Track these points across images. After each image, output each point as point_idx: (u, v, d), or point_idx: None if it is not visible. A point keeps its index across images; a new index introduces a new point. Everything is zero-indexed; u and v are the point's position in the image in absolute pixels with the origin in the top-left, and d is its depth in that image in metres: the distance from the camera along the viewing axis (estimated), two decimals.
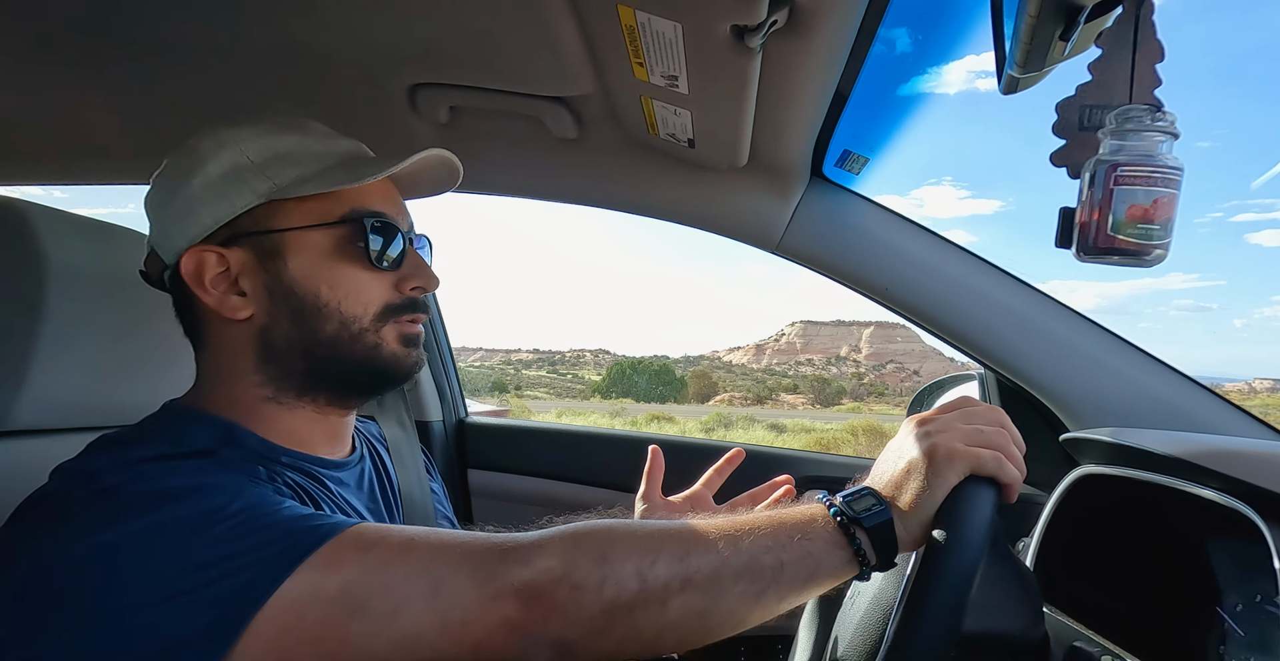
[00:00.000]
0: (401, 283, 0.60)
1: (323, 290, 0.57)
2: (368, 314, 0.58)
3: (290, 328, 0.57)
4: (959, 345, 0.87)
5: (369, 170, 0.57)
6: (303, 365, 0.58)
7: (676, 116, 0.77)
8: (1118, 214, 0.42)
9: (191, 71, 0.82)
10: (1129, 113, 0.44)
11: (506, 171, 0.96)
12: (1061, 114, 0.44)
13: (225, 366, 0.59)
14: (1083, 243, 0.44)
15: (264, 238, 0.57)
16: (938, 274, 0.87)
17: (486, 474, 1.23)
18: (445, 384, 1.28)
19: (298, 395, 0.59)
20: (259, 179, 0.57)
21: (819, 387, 41.88)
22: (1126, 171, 0.42)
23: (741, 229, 0.95)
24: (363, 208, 0.58)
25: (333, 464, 0.62)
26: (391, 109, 0.85)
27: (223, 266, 0.57)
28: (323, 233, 0.57)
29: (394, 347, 0.59)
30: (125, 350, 0.66)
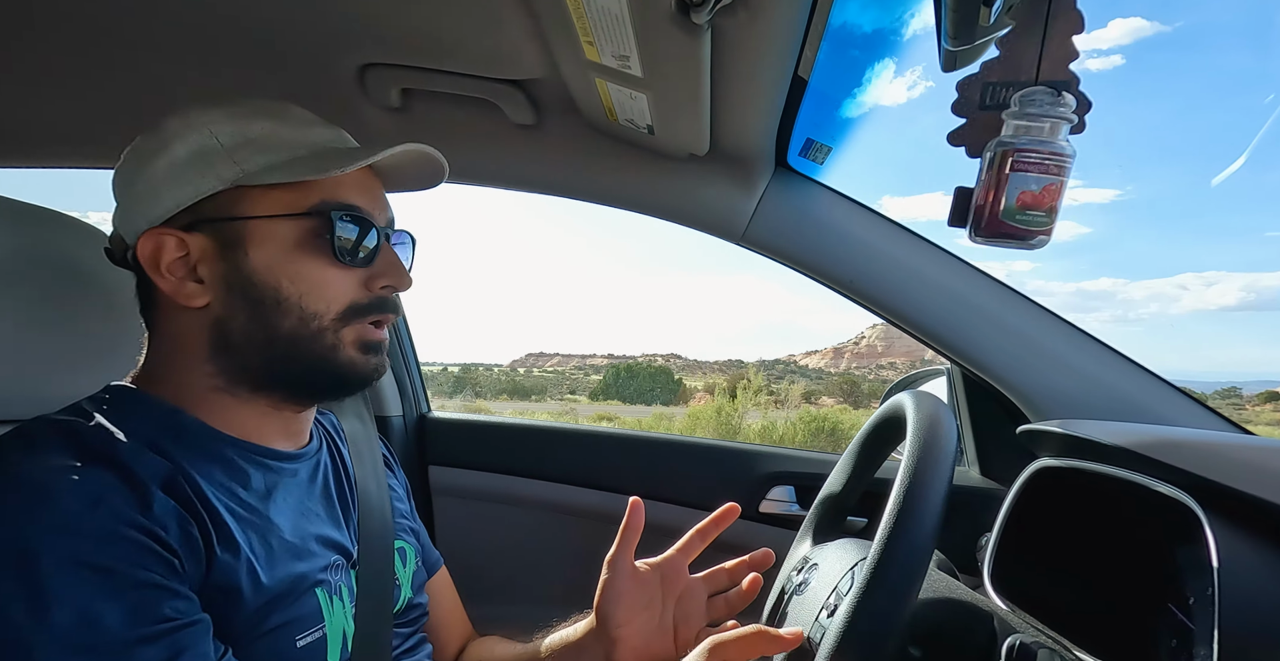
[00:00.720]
0: (371, 280, 0.57)
1: (284, 284, 0.54)
2: (330, 312, 0.55)
3: (247, 321, 0.54)
4: (923, 338, 0.86)
5: (339, 161, 0.55)
6: (257, 360, 0.55)
7: (633, 100, 0.75)
8: (1009, 199, 0.42)
9: (134, 51, 0.79)
10: (1031, 95, 0.43)
11: (464, 158, 0.93)
12: (962, 92, 0.44)
13: (177, 353, 0.56)
14: (976, 225, 0.44)
15: (226, 225, 0.54)
16: (902, 267, 0.85)
17: (448, 470, 1.20)
18: (406, 378, 1.25)
19: (251, 390, 0.56)
20: (225, 164, 0.54)
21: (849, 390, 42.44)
22: (1023, 157, 0.41)
23: (705, 219, 0.93)
24: (333, 200, 0.56)
25: (284, 455, 0.59)
26: (340, 90, 0.83)
27: (182, 251, 0.54)
28: (288, 223, 0.54)
29: (351, 353, 0.57)
30: (53, 340, 0.63)
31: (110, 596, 0.42)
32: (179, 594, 0.46)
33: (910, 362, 69.08)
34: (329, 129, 0.60)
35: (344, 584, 0.59)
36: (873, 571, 0.42)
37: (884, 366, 67.08)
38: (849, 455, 0.67)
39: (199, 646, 0.46)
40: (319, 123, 0.59)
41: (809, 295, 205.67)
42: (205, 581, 0.49)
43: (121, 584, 0.43)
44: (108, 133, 0.91)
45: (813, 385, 51.82)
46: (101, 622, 0.42)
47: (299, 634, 0.53)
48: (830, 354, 62.46)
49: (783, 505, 1.06)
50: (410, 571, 0.69)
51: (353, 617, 0.59)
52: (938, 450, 0.46)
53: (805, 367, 55.57)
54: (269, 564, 0.53)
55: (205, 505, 0.51)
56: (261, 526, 0.54)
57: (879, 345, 68.18)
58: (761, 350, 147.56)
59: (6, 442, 0.48)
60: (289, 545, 0.55)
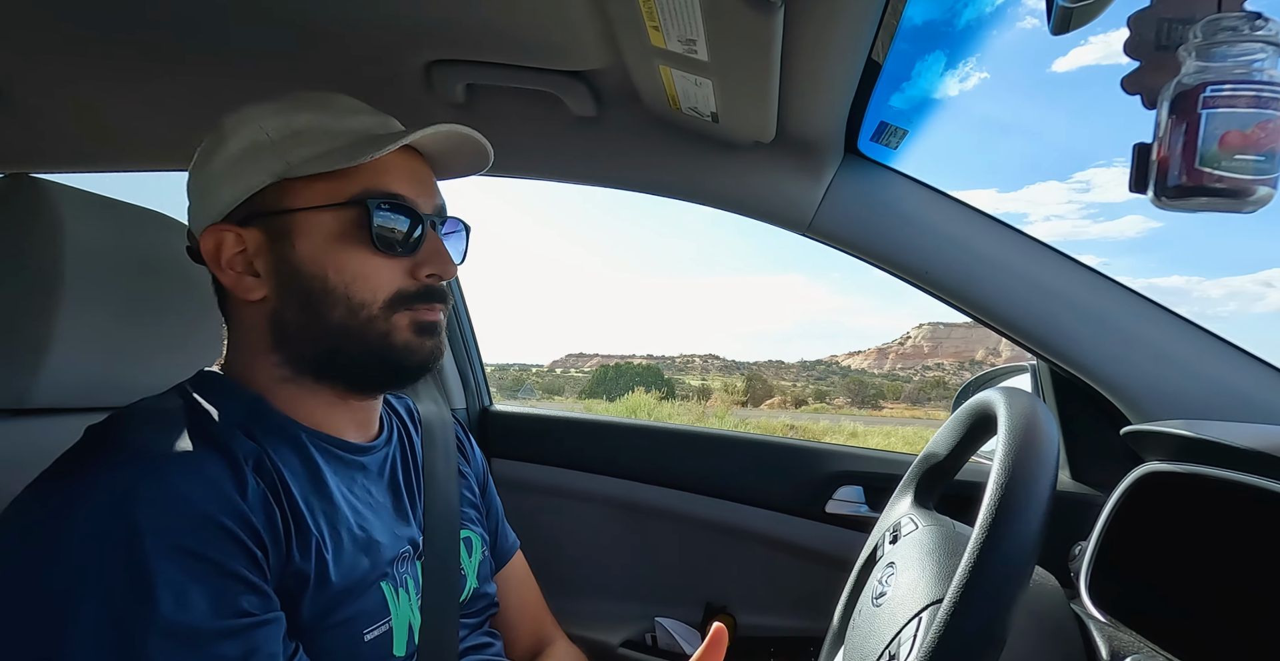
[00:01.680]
0: (417, 269, 0.57)
1: (330, 274, 0.54)
2: (376, 300, 0.55)
3: (299, 312, 0.55)
4: (1007, 333, 0.80)
5: (370, 149, 0.54)
6: (313, 350, 0.56)
7: (698, 87, 0.73)
8: (1208, 143, 0.34)
9: (210, 56, 0.82)
10: (1220, 23, 0.36)
11: (526, 152, 0.94)
12: (1135, 29, 0.37)
13: (246, 345, 0.58)
14: (1161, 183, 0.36)
15: (274, 218, 0.55)
16: (983, 256, 0.80)
17: (510, 463, 1.22)
18: (470, 373, 1.28)
19: (314, 379, 0.57)
20: (273, 157, 0.55)
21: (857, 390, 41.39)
22: (1218, 92, 0.34)
23: (770, 209, 0.90)
24: (376, 189, 0.55)
25: (355, 448, 0.60)
26: (408, 89, 0.84)
27: (240, 246, 0.56)
28: (330, 214, 0.55)
29: (406, 336, 0.56)
30: (141, 331, 0.66)
31: (200, 583, 0.44)
32: (258, 589, 0.47)
33: (958, 363, 65.92)
34: (374, 116, 0.59)
35: (409, 576, 0.60)
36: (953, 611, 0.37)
37: (930, 367, 64.18)
38: (958, 421, 0.62)
39: (271, 645, 0.46)
40: (365, 110, 0.59)
41: (857, 295, 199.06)
42: (283, 571, 0.50)
43: (210, 572, 0.44)
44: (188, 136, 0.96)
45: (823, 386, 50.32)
46: (193, 608, 0.43)
47: (366, 627, 0.54)
48: (874, 354, 60.64)
49: (851, 506, 1.02)
50: (476, 561, 0.69)
51: (419, 609, 0.59)
52: (1038, 455, 0.42)
53: (847, 368, 53.96)
54: (338, 556, 0.53)
55: (287, 493, 0.52)
56: (332, 517, 0.55)
57: (925, 345, 65.28)
58: (805, 350, 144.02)
59: (119, 422, 0.51)
60: (357, 537, 0.56)
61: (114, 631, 0.41)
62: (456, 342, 1.27)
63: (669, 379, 45.17)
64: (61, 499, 0.44)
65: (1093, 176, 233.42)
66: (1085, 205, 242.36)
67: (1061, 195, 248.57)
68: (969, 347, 62.54)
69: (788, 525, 1.06)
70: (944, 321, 64.99)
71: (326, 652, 0.51)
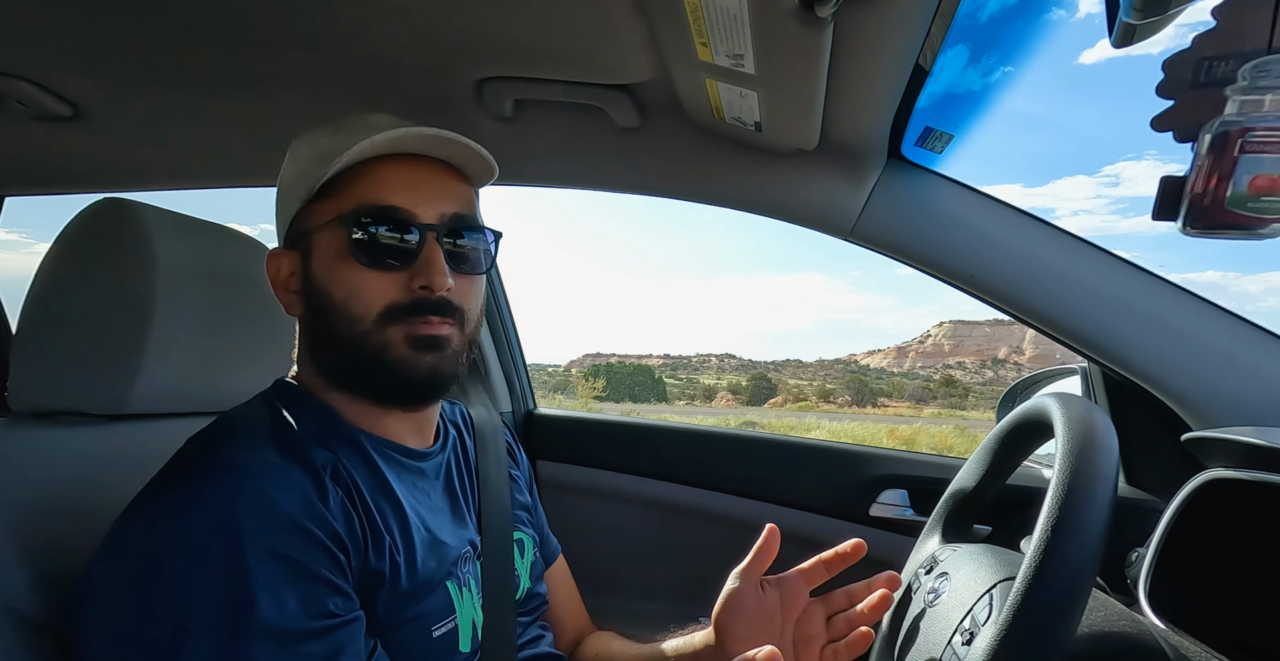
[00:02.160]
0: (412, 281, 0.55)
1: (332, 290, 0.56)
2: (370, 315, 0.55)
3: (317, 327, 0.58)
4: (1057, 336, 0.80)
5: (339, 162, 0.54)
6: (330, 363, 0.59)
7: (742, 99, 0.74)
8: (1239, 185, 0.35)
9: (274, 78, 0.87)
10: (1268, 66, 0.37)
11: (570, 163, 0.96)
12: (1170, 72, 0.38)
13: (301, 357, 0.62)
14: (1192, 215, 0.37)
15: (303, 239, 0.58)
16: (1031, 258, 0.79)
17: (554, 465, 1.24)
18: (514, 376, 1.31)
19: (344, 391, 0.60)
20: (305, 182, 0.58)
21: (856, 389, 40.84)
22: (1259, 137, 0.35)
23: (812, 215, 0.91)
24: (369, 202, 0.55)
25: (415, 454, 0.63)
26: (459, 105, 0.87)
27: (291, 268, 0.60)
28: (333, 231, 0.56)
29: (401, 351, 0.55)
30: (224, 342, 0.70)
31: (292, 585, 0.47)
32: (341, 590, 0.50)
33: (980, 362, 63.97)
34: (388, 132, 0.55)
35: (471, 575, 0.63)
36: (1021, 602, 0.38)
37: (951, 366, 62.41)
38: (984, 451, 0.63)
39: (355, 643, 0.49)
40: (384, 126, 0.56)
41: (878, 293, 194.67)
42: (362, 572, 0.53)
43: (300, 575, 0.47)
44: (255, 154, 1.02)
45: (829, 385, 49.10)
46: (287, 609, 0.46)
47: (434, 624, 0.57)
48: (893, 353, 59.29)
49: (896, 509, 1.02)
50: (528, 562, 0.72)
51: (481, 608, 0.62)
52: (1099, 460, 0.42)
53: (866, 367, 52.91)
54: (409, 557, 0.56)
55: (361, 499, 0.55)
56: (401, 520, 0.57)
57: (946, 344, 63.40)
58: (823, 349, 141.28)
59: (213, 433, 0.54)
60: (424, 539, 0.59)
61: (221, 631, 0.44)
62: (501, 346, 1.30)
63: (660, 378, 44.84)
64: (172, 509, 0.48)
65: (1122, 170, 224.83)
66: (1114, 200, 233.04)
67: (1089, 189, 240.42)
68: (991, 345, 60.79)
69: (831, 528, 1.06)
70: (965, 319, 63.20)
71: (398, 648, 0.54)
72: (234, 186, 1.08)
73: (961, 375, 56.89)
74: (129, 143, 1.01)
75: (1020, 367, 58.00)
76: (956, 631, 0.49)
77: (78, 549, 0.55)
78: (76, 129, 0.97)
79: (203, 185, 1.10)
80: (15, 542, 0.54)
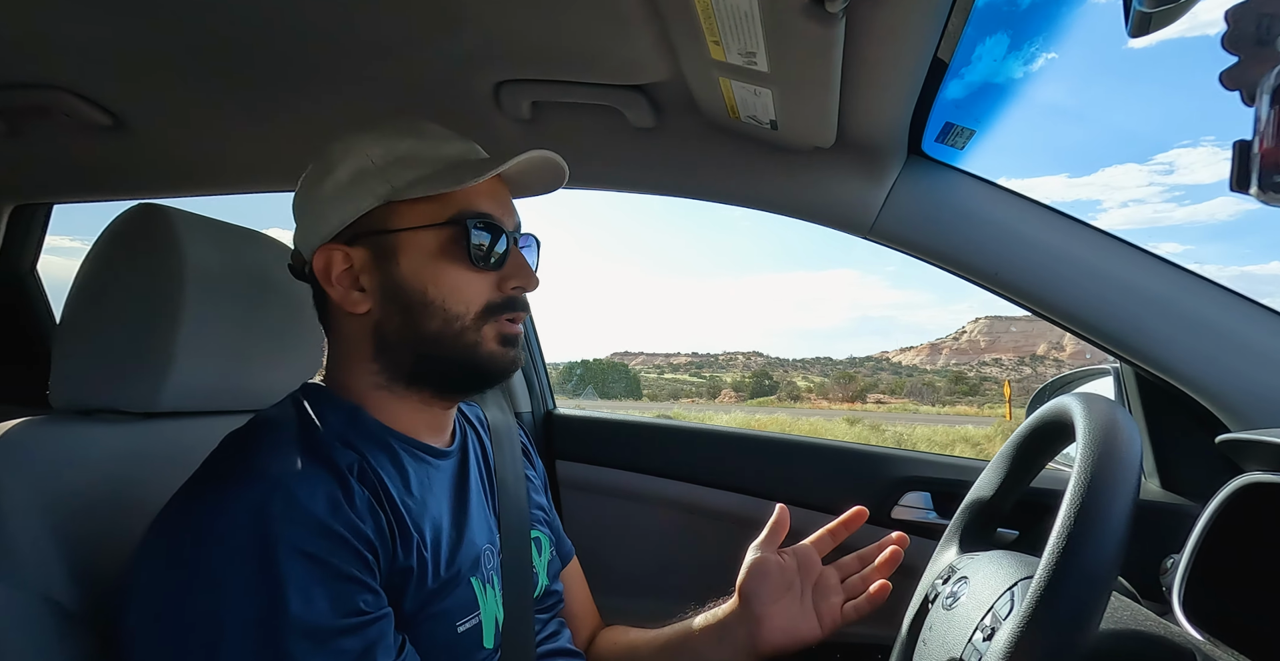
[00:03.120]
0: (503, 282, 0.61)
1: (429, 289, 0.59)
2: (469, 312, 0.60)
3: (400, 324, 0.60)
4: (1085, 334, 0.77)
5: (471, 173, 0.59)
6: (410, 359, 0.60)
7: (757, 97, 0.74)
8: None
9: (303, 84, 0.89)
10: None
11: (587, 164, 0.97)
12: (1233, 23, 0.35)
13: (347, 355, 0.63)
14: (1266, 177, 0.34)
15: (380, 237, 0.60)
16: (1058, 254, 0.77)
17: (574, 465, 1.25)
18: (534, 377, 1.32)
19: (406, 386, 0.62)
20: (379, 182, 0.60)
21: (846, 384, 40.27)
22: None
23: (831, 214, 0.90)
24: (469, 209, 0.60)
25: (436, 452, 0.65)
26: (478, 108, 0.88)
27: (347, 264, 0.61)
28: (431, 233, 0.59)
29: (492, 347, 0.61)
30: (252, 342, 0.72)
31: (321, 585, 0.48)
32: (370, 588, 0.51)
33: (1018, 358, 61.90)
34: (462, 142, 0.64)
35: (494, 572, 0.64)
36: (1042, 594, 0.38)
37: (987, 362, 60.47)
38: (1002, 458, 0.62)
39: (386, 638, 0.51)
40: (453, 137, 0.64)
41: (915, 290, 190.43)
42: (390, 569, 0.54)
43: (330, 574, 0.49)
44: (285, 159, 1.05)
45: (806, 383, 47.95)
46: (317, 608, 0.48)
47: (459, 620, 0.58)
48: (926, 350, 57.85)
49: (918, 512, 1.00)
50: (545, 560, 0.73)
51: (502, 605, 0.63)
52: (1118, 459, 0.41)
53: (898, 364, 51.73)
54: (435, 554, 0.57)
55: (388, 498, 0.56)
56: (426, 518, 0.59)
57: (981, 340, 61.45)
58: (855, 346, 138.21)
59: (244, 437, 0.56)
60: (449, 537, 0.60)
61: (258, 632, 0.46)
62: (523, 358, 1.31)
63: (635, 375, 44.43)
64: (206, 513, 0.50)
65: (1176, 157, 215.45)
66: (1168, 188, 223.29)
67: (1141, 178, 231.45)
68: (1029, 342, 58.95)
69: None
70: (1002, 315, 61.42)
71: (424, 644, 0.55)
72: (266, 191, 1.11)
73: (997, 372, 55.24)
74: (167, 149, 1.05)
75: (1060, 364, 56.07)
76: (977, 629, 0.49)
77: (114, 542, 0.57)
78: (117, 137, 1.01)
79: (238, 190, 1.13)
80: (55, 535, 0.56)
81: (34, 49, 0.84)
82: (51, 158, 1.11)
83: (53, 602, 0.54)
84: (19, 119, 1.00)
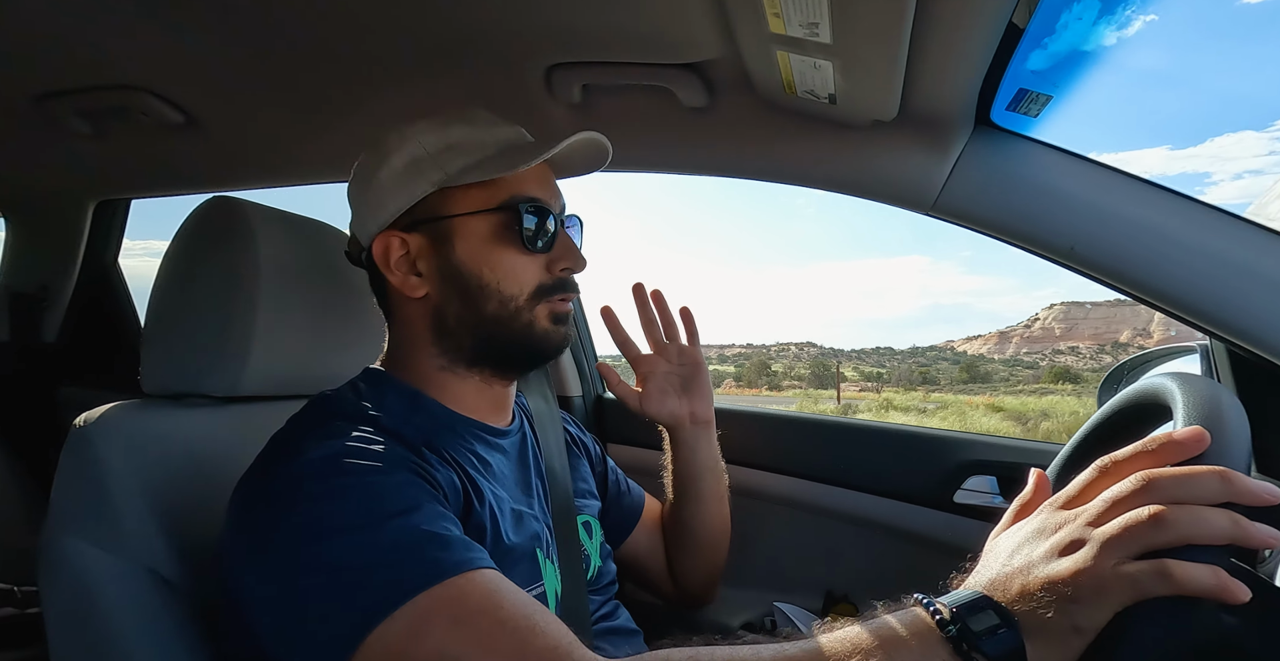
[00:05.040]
0: (552, 264, 0.63)
1: (484, 272, 0.61)
2: (523, 293, 0.62)
3: (459, 306, 0.62)
4: (1172, 310, 0.73)
5: (522, 158, 0.60)
6: (469, 340, 0.62)
7: (816, 70, 0.72)
8: None
9: (361, 77, 0.91)
10: None
11: (639, 146, 0.96)
12: None
13: (408, 339, 0.65)
14: None
15: (437, 223, 0.62)
16: (1141, 225, 0.73)
17: (625, 449, 1.26)
18: (585, 362, 1.33)
19: (467, 367, 0.64)
20: (433, 169, 0.61)
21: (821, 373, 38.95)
22: None
23: (890, 190, 0.86)
24: (520, 194, 0.62)
25: (498, 431, 0.67)
26: (529, 93, 0.89)
27: (404, 249, 0.62)
28: (485, 218, 0.61)
29: (545, 325, 0.63)
30: (322, 330, 0.75)
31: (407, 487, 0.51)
32: (453, 519, 0.52)
33: (1097, 346, 58.08)
34: (510, 128, 0.65)
35: (553, 547, 0.66)
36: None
37: (1062, 351, 56.91)
38: (1083, 439, 0.59)
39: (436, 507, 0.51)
40: (501, 122, 0.65)
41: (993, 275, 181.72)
42: (465, 521, 0.55)
43: (414, 483, 0.52)
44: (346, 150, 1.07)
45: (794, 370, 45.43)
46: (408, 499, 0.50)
47: (525, 587, 0.59)
48: (995, 338, 54.56)
49: (983, 496, 0.97)
50: (596, 542, 0.74)
51: (559, 578, 0.64)
52: (1228, 445, 0.38)
53: (962, 353, 49.09)
54: (504, 519, 0.59)
55: (457, 464, 0.58)
56: (491, 488, 0.60)
57: (1056, 327, 57.85)
58: (919, 336, 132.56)
59: (305, 415, 0.59)
60: (515, 509, 0.62)
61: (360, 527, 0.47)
62: (573, 334, 1.33)
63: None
64: (280, 473, 0.52)
65: None
66: None
67: (1258, 146, 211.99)
68: (1111, 328, 55.52)
69: (912, 515, 1.02)
70: (1080, 300, 57.87)
71: None
72: (330, 181, 1.15)
73: (1073, 361, 52.03)
74: (237, 145, 1.09)
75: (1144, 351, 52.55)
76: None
77: (208, 516, 0.60)
78: (189, 134, 1.06)
79: (302, 181, 1.17)
80: (154, 511, 0.60)
81: (114, 53, 0.88)
82: (130, 156, 1.17)
83: (156, 574, 0.58)
84: (101, 119, 1.05)
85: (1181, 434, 0.38)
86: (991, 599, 0.38)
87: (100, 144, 1.12)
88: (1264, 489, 0.36)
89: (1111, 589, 0.35)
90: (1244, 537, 0.35)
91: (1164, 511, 0.35)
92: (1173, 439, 0.38)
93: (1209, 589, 0.34)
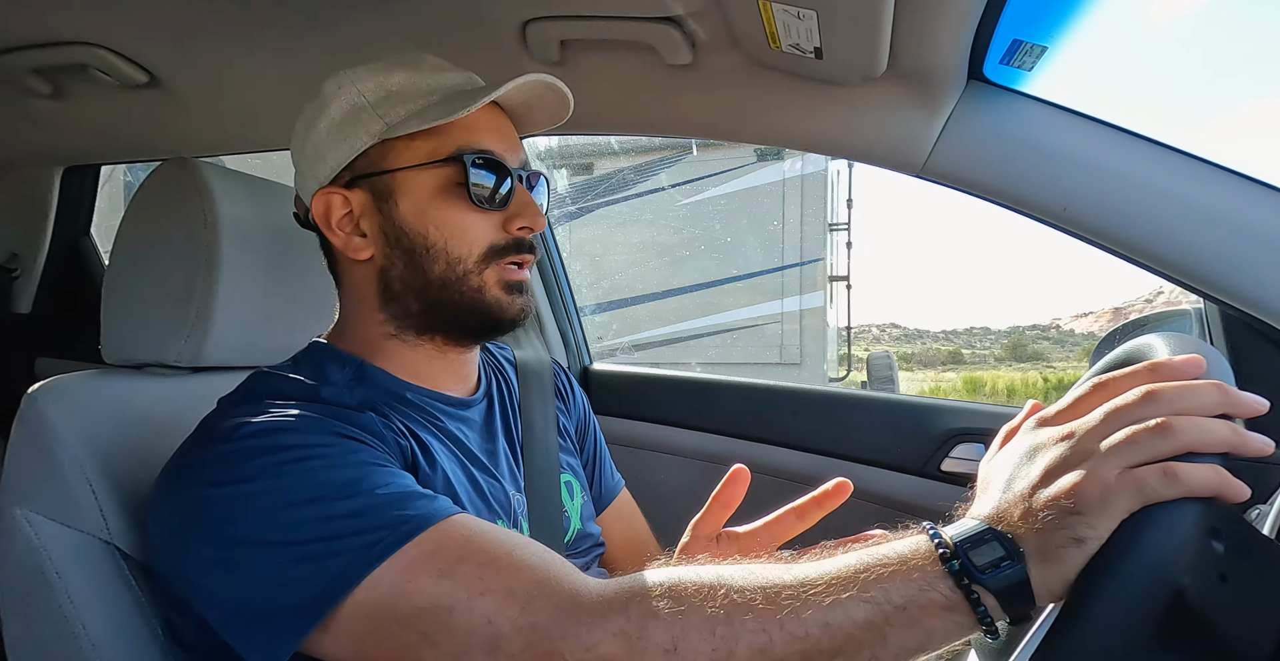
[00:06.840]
0: (508, 222, 0.58)
1: (430, 231, 0.56)
2: (472, 255, 0.57)
3: (404, 269, 0.58)
4: (1166, 272, 0.71)
5: (463, 102, 0.55)
6: (417, 305, 0.58)
7: (800, 21, 0.68)
8: None
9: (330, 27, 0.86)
10: None
11: (622, 107, 0.93)
12: None
13: (355, 305, 0.62)
14: None
15: (378, 178, 0.57)
16: (1137, 183, 0.70)
17: (613, 420, 1.25)
18: (570, 332, 1.31)
19: (417, 334, 0.60)
20: (372, 118, 0.57)
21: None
22: None
23: (878, 152, 0.84)
24: (469, 146, 0.57)
25: (457, 402, 0.63)
26: (503, 49, 0.85)
27: (346, 208, 0.58)
28: (429, 172, 0.56)
29: (496, 293, 0.58)
30: (285, 298, 0.73)
31: (353, 454, 0.49)
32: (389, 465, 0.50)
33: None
34: (459, 73, 0.60)
35: (522, 517, 0.63)
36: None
37: None
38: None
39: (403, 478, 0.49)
40: (451, 68, 0.60)
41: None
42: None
43: (358, 449, 0.49)
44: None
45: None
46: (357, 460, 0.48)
47: None
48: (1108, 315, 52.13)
49: (971, 464, 0.97)
50: (578, 504, 0.72)
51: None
52: (1217, 372, 0.37)
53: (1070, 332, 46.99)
54: (461, 490, 0.57)
55: (409, 432, 0.55)
56: (451, 460, 0.58)
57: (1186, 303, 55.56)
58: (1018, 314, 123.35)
59: (235, 398, 0.56)
60: (473, 480, 0.59)
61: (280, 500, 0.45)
62: (555, 301, 1.30)
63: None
64: (207, 454, 0.50)
65: None
66: None
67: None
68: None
69: (897, 482, 1.02)
70: None
71: None
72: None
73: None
74: (202, 106, 1.04)
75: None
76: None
77: None
78: (153, 96, 1.01)
79: (273, 146, 1.13)
80: (108, 482, 0.58)
81: (65, 5, 0.84)
82: (95, 119, 1.13)
83: (110, 545, 0.56)
84: (59, 79, 1.01)
85: (1178, 358, 0.39)
86: (996, 530, 0.37)
87: (62, 106, 1.08)
88: (1257, 399, 0.38)
89: (1116, 494, 0.35)
90: (1242, 444, 0.36)
91: (1169, 420, 0.35)
92: (1170, 362, 0.39)
93: (1214, 487, 0.34)
